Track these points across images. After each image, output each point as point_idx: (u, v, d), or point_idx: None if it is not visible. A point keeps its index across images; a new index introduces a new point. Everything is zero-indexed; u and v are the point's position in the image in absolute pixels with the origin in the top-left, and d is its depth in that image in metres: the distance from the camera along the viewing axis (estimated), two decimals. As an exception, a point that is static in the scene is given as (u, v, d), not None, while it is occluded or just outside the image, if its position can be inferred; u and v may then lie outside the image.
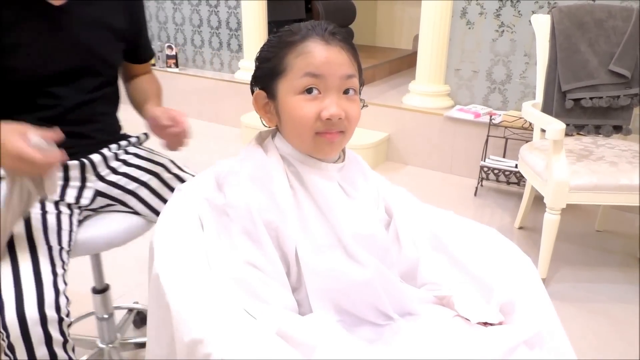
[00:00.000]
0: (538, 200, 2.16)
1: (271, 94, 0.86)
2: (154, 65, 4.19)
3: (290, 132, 0.86)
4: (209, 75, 4.01)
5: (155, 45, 4.25)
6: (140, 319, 1.70)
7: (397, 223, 1.01)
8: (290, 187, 0.86)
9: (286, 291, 0.82)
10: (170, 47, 4.14)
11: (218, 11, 3.93)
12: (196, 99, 4.07)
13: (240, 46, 3.92)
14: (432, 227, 1.04)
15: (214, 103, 3.98)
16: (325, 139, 0.83)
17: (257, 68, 0.89)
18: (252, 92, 0.91)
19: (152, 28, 4.32)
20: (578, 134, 2.20)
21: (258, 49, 0.90)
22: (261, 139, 0.93)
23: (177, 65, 4.16)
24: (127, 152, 1.30)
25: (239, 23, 3.85)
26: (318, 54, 0.81)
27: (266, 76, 0.86)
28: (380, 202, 1.02)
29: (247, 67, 3.82)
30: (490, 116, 2.72)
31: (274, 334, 0.73)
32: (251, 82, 0.91)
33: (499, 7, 2.78)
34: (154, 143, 1.25)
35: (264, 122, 0.93)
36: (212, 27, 4.01)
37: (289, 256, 0.83)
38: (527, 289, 0.91)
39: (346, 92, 0.84)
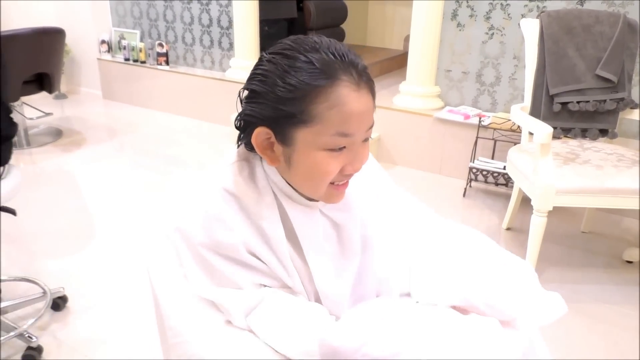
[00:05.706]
0: (526, 202, 2.19)
1: (284, 138, 0.74)
2: (144, 62, 4.18)
3: (302, 180, 0.77)
4: (199, 74, 4.00)
5: (147, 43, 4.23)
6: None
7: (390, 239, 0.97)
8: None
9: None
10: (161, 44, 4.12)
11: (209, 9, 3.92)
12: (186, 97, 4.05)
13: (231, 44, 3.91)
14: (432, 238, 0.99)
15: (205, 101, 3.97)
16: (338, 192, 0.79)
17: (264, 104, 0.73)
18: (245, 122, 0.78)
19: (143, 25, 4.30)
20: (565, 137, 2.23)
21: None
22: (245, 156, 0.82)
23: (167, 63, 4.15)
24: None
25: (230, 21, 3.84)
26: (351, 107, 0.70)
27: (281, 119, 0.72)
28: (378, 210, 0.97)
29: (238, 66, 3.81)
30: (480, 118, 2.75)
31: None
32: (248, 112, 0.75)
33: (489, 10, 2.81)
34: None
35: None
36: (204, 25, 4.00)
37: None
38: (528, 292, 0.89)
39: (365, 140, 0.77)
